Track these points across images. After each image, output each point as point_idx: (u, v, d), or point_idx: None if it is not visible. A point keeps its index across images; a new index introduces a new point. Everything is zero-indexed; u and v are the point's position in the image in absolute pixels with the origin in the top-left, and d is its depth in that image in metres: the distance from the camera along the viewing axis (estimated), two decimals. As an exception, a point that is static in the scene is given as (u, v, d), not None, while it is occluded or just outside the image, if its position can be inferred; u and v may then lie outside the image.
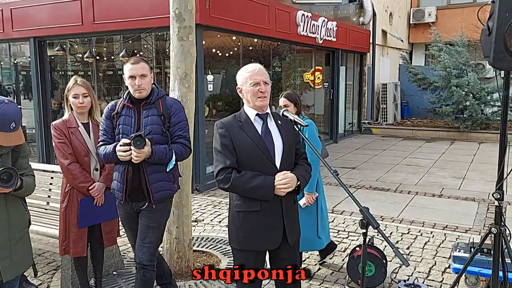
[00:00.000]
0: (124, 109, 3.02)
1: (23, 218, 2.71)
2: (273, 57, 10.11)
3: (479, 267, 3.58)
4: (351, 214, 5.91)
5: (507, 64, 2.63)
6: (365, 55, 14.14)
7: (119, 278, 4.03)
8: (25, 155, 2.71)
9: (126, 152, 2.81)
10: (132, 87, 2.95)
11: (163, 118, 2.99)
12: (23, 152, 2.68)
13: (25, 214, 2.74)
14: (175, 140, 3.03)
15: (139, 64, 2.95)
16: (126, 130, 2.96)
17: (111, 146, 2.93)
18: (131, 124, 2.97)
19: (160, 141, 2.96)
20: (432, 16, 16.41)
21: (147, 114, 2.98)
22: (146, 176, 2.94)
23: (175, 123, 3.04)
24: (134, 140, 2.77)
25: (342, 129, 13.25)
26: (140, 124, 2.97)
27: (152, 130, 2.94)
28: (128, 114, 3.00)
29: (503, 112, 2.85)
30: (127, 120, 2.99)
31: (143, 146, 2.78)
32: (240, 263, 2.62)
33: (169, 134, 3.00)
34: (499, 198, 2.84)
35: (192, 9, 4.02)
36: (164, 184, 3.03)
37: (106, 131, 3.05)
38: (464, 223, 5.56)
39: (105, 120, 3.07)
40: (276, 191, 2.44)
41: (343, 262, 4.36)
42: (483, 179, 7.83)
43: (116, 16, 7.52)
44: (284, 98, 3.78)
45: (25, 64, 9.86)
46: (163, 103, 3.03)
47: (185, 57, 3.99)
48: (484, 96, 12.50)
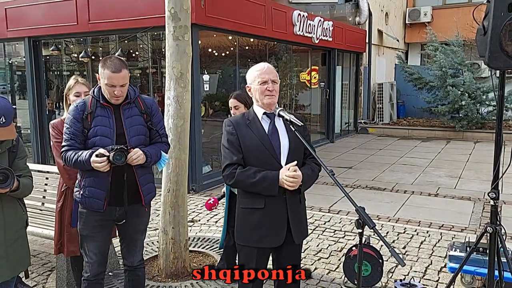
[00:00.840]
0: (99, 109, 2.74)
1: (20, 218, 2.69)
2: (269, 57, 10.09)
3: (475, 266, 3.59)
4: (348, 214, 5.91)
5: (502, 64, 2.63)
6: (361, 55, 14.16)
7: (114, 279, 4.02)
8: (22, 156, 2.67)
9: (102, 163, 2.57)
10: (109, 94, 2.70)
11: (146, 116, 2.85)
12: (20, 153, 2.65)
13: (22, 214, 2.71)
14: (158, 139, 2.92)
15: (121, 73, 2.65)
16: (105, 131, 2.72)
17: (85, 153, 2.64)
18: (109, 125, 2.73)
19: (144, 142, 2.85)
20: (427, 16, 16.45)
21: (129, 114, 2.79)
22: (138, 178, 2.80)
23: (157, 123, 2.92)
24: (115, 155, 2.56)
25: (338, 129, 13.26)
26: (123, 124, 2.76)
27: (137, 132, 2.80)
28: (104, 115, 2.74)
29: (499, 112, 2.85)
30: (104, 121, 2.73)
31: (123, 162, 2.59)
32: (244, 259, 2.64)
33: (150, 133, 2.90)
34: (495, 197, 2.85)
35: (187, 9, 4.01)
36: (152, 186, 2.97)
37: (75, 134, 2.72)
38: (460, 222, 5.58)
39: (73, 122, 2.72)
40: (281, 183, 2.44)
41: (340, 261, 4.36)
42: (478, 178, 7.85)
43: (112, 15, 7.50)
44: (234, 99, 3.72)
45: (20, 64, 9.81)
46: (142, 101, 2.88)
47: (180, 56, 3.98)
48: (480, 95, 12.55)
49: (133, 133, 2.78)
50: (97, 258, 2.87)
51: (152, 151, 2.81)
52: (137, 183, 2.81)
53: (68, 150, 2.72)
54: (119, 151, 2.58)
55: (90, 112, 2.73)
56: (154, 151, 2.83)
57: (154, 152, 2.83)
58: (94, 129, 2.72)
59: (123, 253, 3.04)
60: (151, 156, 2.78)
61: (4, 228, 2.56)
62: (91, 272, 2.87)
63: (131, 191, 2.81)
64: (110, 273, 4.07)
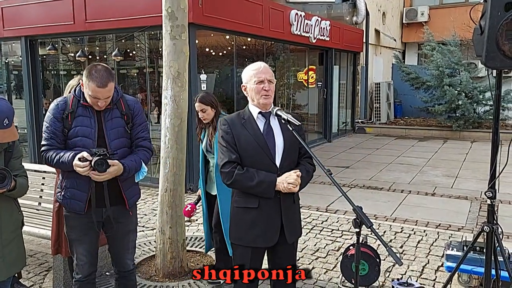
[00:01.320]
0: (80, 108, 2.69)
1: (16, 218, 2.68)
2: (266, 57, 10.09)
3: (472, 265, 3.60)
4: (345, 213, 5.92)
5: (499, 63, 2.64)
6: (358, 55, 14.18)
7: (111, 278, 4.00)
8: (18, 156, 2.65)
9: (85, 168, 2.54)
10: (92, 104, 2.66)
11: (126, 118, 2.79)
12: (16, 153, 2.63)
13: (18, 214, 2.70)
14: (139, 142, 2.85)
15: (107, 88, 2.58)
16: (86, 132, 2.67)
17: (68, 154, 2.60)
18: (91, 125, 2.68)
19: (125, 144, 2.80)
20: (424, 15, 16.48)
21: (110, 116, 2.73)
22: (120, 182, 2.76)
23: (138, 124, 2.85)
24: (96, 163, 2.52)
25: (336, 128, 13.28)
26: (103, 126, 2.71)
27: (118, 135, 2.75)
28: (86, 115, 2.69)
29: (495, 111, 2.86)
30: (86, 121, 2.68)
31: (105, 169, 2.54)
32: (238, 258, 2.65)
33: (131, 134, 2.84)
34: (492, 196, 2.85)
35: (184, 8, 4.00)
36: (136, 188, 2.93)
37: (54, 134, 2.67)
38: (457, 221, 5.59)
39: (53, 121, 2.68)
40: (278, 187, 2.46)
41: (337, 261, 4.36)
42: (475, 178, 7.87)
43: (109, 15, 7.48)
44: (199, 102, 3.70)
45: (17, 63, 9.78)
46: (124, 102, 2.81)
47: (178, 56, 3.97)
48: (477, 95, 12.58)
49: (114, 136, 2.73)
50: (87, 260, 2.85)
51: (131, 164, 2.73)
52: (119, 187, 2.78)
53: (49, 150, 2.68)
54: (101, 159, 2.54)
55: (71, 111, 2.68)
56: (134, 164, 2.75)
57: (134, 165, 2.75)
58: (75, 129, 2.68)
59: (115, 259, 2.99)
60: (129, 170, 2.71)
61: (0, 228, 2.55)
62: (82, 273, 2.86)
63: (114, 193, 2.77)
64: (107, 273, 4.06)
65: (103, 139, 2.70)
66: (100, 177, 2.59)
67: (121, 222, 2.87)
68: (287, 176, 2.46)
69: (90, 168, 2.55)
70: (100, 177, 2.59)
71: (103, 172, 2.56)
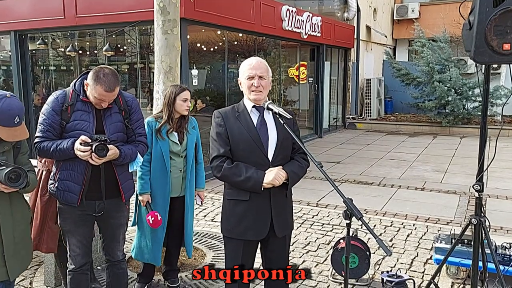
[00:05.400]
0: (79, 103, 2.73)
1: (26, 215, 2.63)
2: (258, 52, 10.10)
3: (460, 258, 3.66)
4: (336, 208, 5.96)
5: (487, 58, 2.67)
6: (349, 51, 14.23)
7: (103, 272, 4.01)
8: (25, 151, 2.59)
9: (86, 152, 2.59)
10: (95, 104, 2.71)
11: (124, 114, 2.84)
12: (23, 148, 2.58)
13: (28, 211, 2.65)
14: (136, 137, 2.91)
15: (113, 92, 2.65)
16: (85, 126, 2.70)
17: (66, 141, 2.63)
18: (89, 120, 2.72)
19: (123, 139, 2.85)
20: (415, 12, 16.59)
21: (109, 111, 2.78)
22: (117, 175, 2.82)
23: (136, 120, 2.90)
24: (97, 148, 2.58)
25: (327, 124, 13.33)
26: (102, 121, 2.75)
27: (117, 129, 2.80)
28: (85, 109, 2.73)
29: (484, 105, 2.90)
30: (84, 115, 2.72)
31: (105, 154, 2.61)
32: (230, 252, 2.67)
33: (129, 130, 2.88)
34: (479, 189, 2.90)
35: (176, 2, 4.00)
36: (131, 183, 2.98)
37: (51, 126, 2.69)
38: (445, 215, 5.67)
39: (52, 113, 2.70)
40: (265, 185, 2.49)
41: (327, 254, 4.41)
42: (464, 173, 7.97)
43: (99, 9, 7.43)
44: (188, 91, 3.57)
45: (6, 58, 9.68)
46: (122, 98, 2.86)
47: (169, 50, 3.98)
48: (466, 91, 12.70)
49: (113, 130, 2.78)
50: (80, 251, 2.89)
51: (128, 151, 2.80)
52: (117, 180, 2.82)
53: (43, 141, 2.69)
54: (102, 144, 2.60)
55: (70, 104, 2.71)
56: (130, 152, 2.82)
57: (130, 153, 2.81)
58: (73, 123, 2.71)
59: (106, 248, 3.03)
60: (124, 156, 2.76)
61: (13, 226, 2.50)
62: (76, 264, 2.90)
63: (110, 186, 2.81)
64: (98, 267, 4.06)
65: (102, 133, 2.74)
66: (99, 161, 2.64)
67: (114, 216, 2.91)
68: (270, 170, 2.49)
69: (91, 153, 2.59)
70: (99, 161, 2.64)
71: (103, 157, 2.61)
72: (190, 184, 3.61)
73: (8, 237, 2.47)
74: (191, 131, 3.62)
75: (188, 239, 3.68)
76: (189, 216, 3.64)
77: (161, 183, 3.48)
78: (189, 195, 3.62)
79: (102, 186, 2.78)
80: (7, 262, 2.48)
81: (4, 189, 2.33)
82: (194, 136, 3.63)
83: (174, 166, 3.52)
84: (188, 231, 3.66)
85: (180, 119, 3.54)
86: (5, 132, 2.31)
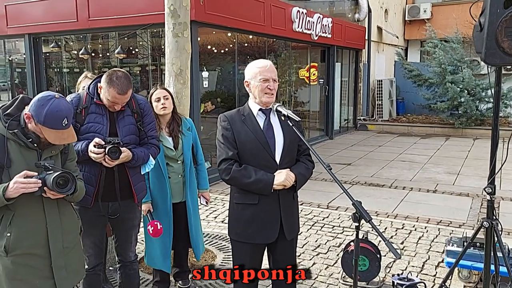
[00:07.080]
0: (93, 105, 2.79)
1: (75, 224, 2.50)
2: (268, 54, 10.11)
3: (472, 261, 3.62)
4: (346, 210, 5.94)
5: (499, 60, 2.65)
6: (360, 52, 14.17)
7: (115, 273, 4.04)
8: (72, 158, 2.48)
9: (99, 154, 2.64)
10: (108, 106, 2.77)
11: (136, 116, 2.89)
12: (71, 154, 2.46)
13: (77, 219, 2.52)
14: (148, 140, 2.96)
15: (126, 95, 2.71)
16: (99, 128, 2.77)
17: (81, 143, 2.68)
18: (103, 122, 2.78)
19: (135, 141, 2.90)
20: (427, 12, 16.45)
21: (122, 114, 2.83)
22: (130, 177, 2.87)
23: (148, 123, 2.95)
24: (110, 150, 2.63)
25: (338, 126, 13.28)
26: (116, 124, 2.81)
27: (129, 131, 2.85)
28: (98, 112, 2.79)
29: (495, 107, 2.88)
30: (98, 118, 2.78)
31: (118, 157, 2.66)
32: (238, 256, 2.67)
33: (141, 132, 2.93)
34: (491, 192, 2.87)
35: (187, 6, 4.03)
36: (143, 185, 3.03)
37: None
38: (458, 218, 5.61)
39: None
40: (275, 187, 2.49)
41: (338, 257, 4.39)
42: (477, 175, 7.88)
43: (111, 12, 7.52)
44: (161, 89, 3.43)
45: (20, 61, 9.83)
46: (135, 101, 2.90)
47: (180, 53, 4.01)
48: (479, 92, 12.56)
49: (126, 133, 2.83)
50: (93, 252, 2.96)
51: (140, 154, 2.85)
52: (129, 181, 2.88)
53: None
54: (115, 147, 2.65)
55: (85, 106, 2.77)
56: (143, 155, 2.87)
57: (142, 156, 2.87)
58: (87, 126, 2.76)
59: (118, 249, 3.09)
60: (137, 158, 2.82)
61: (62, 235, 2.36)
62: (89, 264, 2.94)
63: (123, 187, 2.87)
64: (110, 268, 4.10)
65: (115, 136, 2.79)
66: (112, 163, 2.70)
67: (126, 217, 2.97)
68: (279, 172, 2.50)
69: (104, 155, 2.65)
70: (112, 163, 2.70)
71: (116, 159, 2.67)
72: (191, 188, 3.57)
73: (56, 247, 2.33)
74: (186, 133, 3.53)
75: (195, 242, 3.65)
76: (192, 221, 3.59)
77: (161, 191, 3.43)
78: (191, 199, 3.57)
79: (116, 188, 2.83)
80: (56, 274, 2.33)
81: (51, 195, 2.20)
82: (190, 138, 3.55)
83: (172, 172, 3.46)
84: (194, 234, 3.62)
85: (171, 123, 3.45)
86: (52, 134, 2.18)
